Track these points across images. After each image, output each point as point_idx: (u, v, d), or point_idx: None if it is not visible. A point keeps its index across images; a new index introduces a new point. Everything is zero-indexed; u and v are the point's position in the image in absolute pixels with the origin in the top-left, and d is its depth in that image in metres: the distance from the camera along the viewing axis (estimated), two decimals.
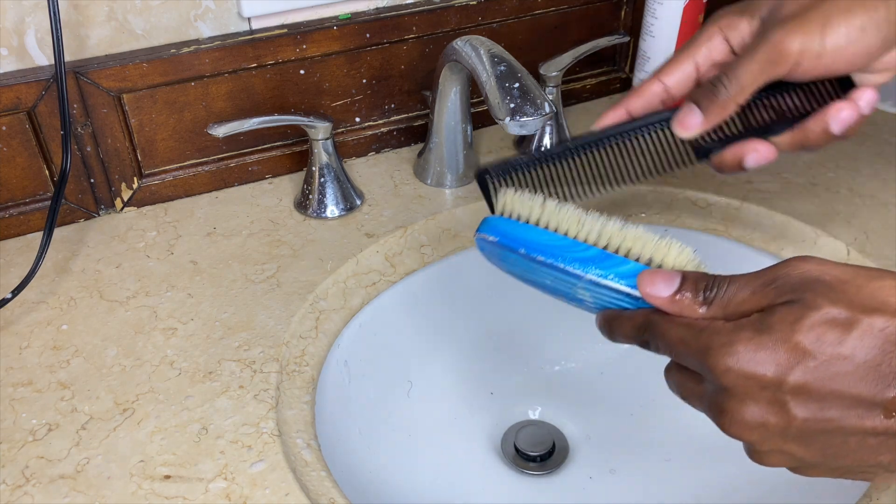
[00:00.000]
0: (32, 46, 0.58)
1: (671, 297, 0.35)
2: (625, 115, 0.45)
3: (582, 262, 0.37)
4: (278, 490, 0.44)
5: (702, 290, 0.34)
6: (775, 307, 0.32)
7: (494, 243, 0.40)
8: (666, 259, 0.37)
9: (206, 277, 0.58)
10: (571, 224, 0.39)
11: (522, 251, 0.39)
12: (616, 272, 0.37)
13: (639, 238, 0.37)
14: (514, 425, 0.64)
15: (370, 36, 0.66)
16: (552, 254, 0.38)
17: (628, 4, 0.77)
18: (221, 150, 0.66)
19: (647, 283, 0.36)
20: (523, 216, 0.40)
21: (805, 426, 0.31)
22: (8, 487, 0.44)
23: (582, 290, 0.38)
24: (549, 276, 0.39)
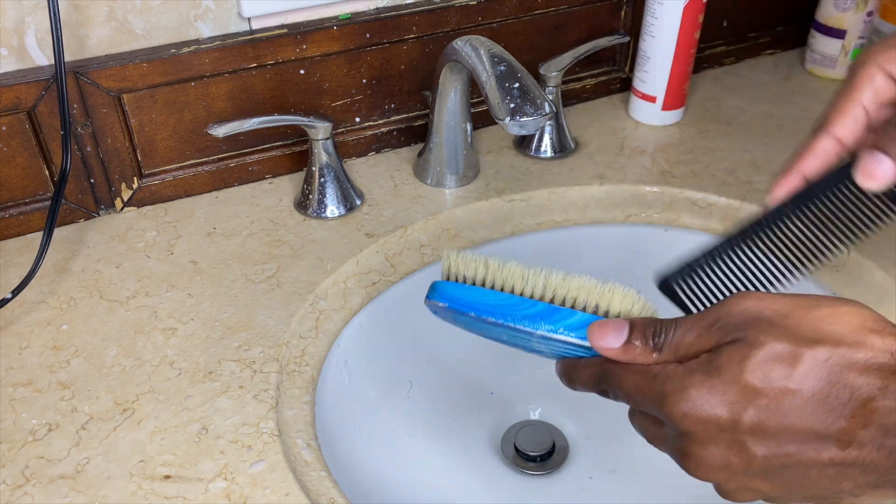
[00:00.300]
0: (32, 46, 0.58)
1: (622, 348, 0.35)
2: (800, 180, 0.42)
3: (530, 318, 0.38)
4: (278, 490, 0.44)
5: (650, 337, 0.35)
6: (721, 347, 0.32)
7: (445, 308, 0.41)
8: (612, 305, 0.38)
9: (206, 277, 0.58)
10: (516, 280, 0.39)
11: (472, 314, 0.39)
12: (565, 325, 0.37)
13: (583, 287, 0.38)
14: (514, 425, 0.64)
15: (370, 36, 0.66)
16: (501, 314, 0.39)
17: (628, 4, 0.77)
18: (221, 150, 0.66)
19: (596, 336, 0.36)
20: (469, 277, 0.41)
21: (766, 463, 0.32)
22: (8, 487, 0.44)
23: (537, 343, 0.39)
24: (504, 333, 0.40)
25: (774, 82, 0.84)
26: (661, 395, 0.33)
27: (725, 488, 0.34)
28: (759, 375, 0.31)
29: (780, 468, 0.32)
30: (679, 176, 0.69)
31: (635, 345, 0.35)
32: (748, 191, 0.66)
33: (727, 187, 0.67)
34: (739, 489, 0.34)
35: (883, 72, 0.41)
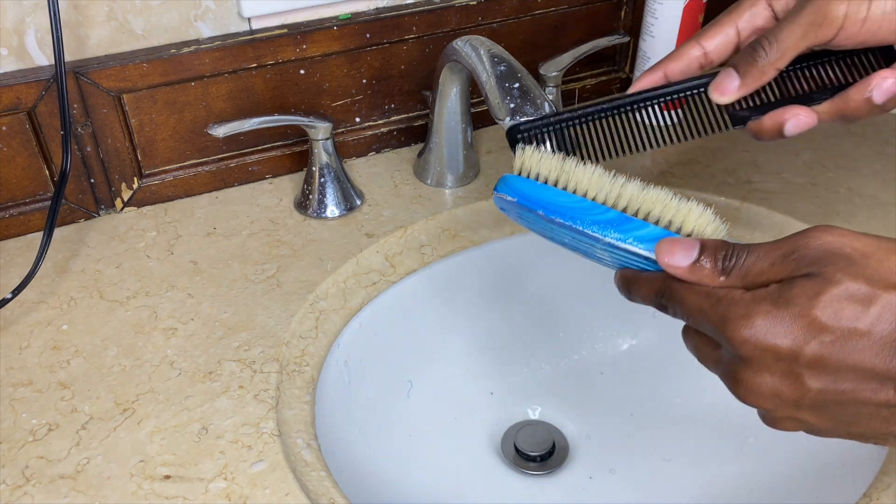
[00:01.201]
0: (32, 46, 0.58)
1: (689, 267, 0.35)
2: (662, 78, 0.44)
3: (600, 224, 0.37)
4: (278, 490, 0.44)
5: (720, 260, 0.34)
6: (794, 280, 0.32)
7: (512, 203, 0.40)
8: (686, 222, 0.37)
9: (206, 277, 0.58)
10: (591, 185, 0.38)
11: (541, 213, 0.39)
12: (635, 236, 0.37)
13: (659, 200, 0.37)
14: (514, 425, 0.64)
15: (370, 36, 0.66)
16: (570, 216, 0.38)
17: (628, 4, 0.77)
18: (221, 150, 0.66)
19: (664, 252, 0.36)
20: (542, 176, 0.40)
21: (819, 397, 0.32)
22: (8, 487, 0.44)
23: (601, 250, 0.38)
24: (567, 235, 0.39)
25: None
26: (724, 318, 0.33)
27: (772, 416, 0.34)
28: (829, 312, 0.31)
29: (832, 403, 0.32)
30: (679, 176, 0.69)
31: (703, 266, 0.35)
32: (748, 191, 0.66)
33: (727, 187, 0.67)
34: (786, 418, 0.34)
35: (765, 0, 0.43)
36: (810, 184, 0.67)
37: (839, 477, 0.53)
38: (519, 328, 0.67)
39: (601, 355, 0.67)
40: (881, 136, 0.73)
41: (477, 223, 0.65)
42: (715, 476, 0.59)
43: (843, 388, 0.32)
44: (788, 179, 0.68)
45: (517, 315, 0.67)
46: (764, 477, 0.57)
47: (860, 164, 0.70)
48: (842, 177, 0.68)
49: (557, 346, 0.68)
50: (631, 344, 0.68)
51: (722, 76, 0.42)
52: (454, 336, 0.66)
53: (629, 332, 0.67)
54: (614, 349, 0.68)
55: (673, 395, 0.64)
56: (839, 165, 0.69)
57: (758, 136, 0.43)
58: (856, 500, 0.46)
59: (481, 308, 0.66)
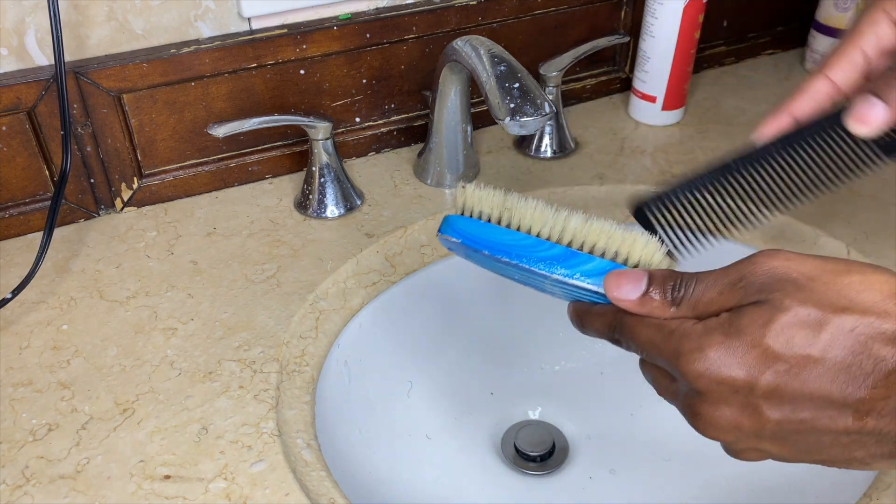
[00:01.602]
0: (32, 46, 0.58)
1: (638, 300, 0.34)
2: (790, 121, 0.41)
3: (546, 261, 0.37)
4: (278, 490, 0.44)
5: (669, 291, 0.34)
6: (743, 308, 0.32)
7: (457, 244, 0.39)
8: (632, 253, 0.36)
9: (206, 277, 0.58)
10: (535, 220, 0.38)
11: (485, 252, 0.38)
12: (581, 270, 0.36)
13: (603, 232, 0.37)
14: (514, 425, 0.64)
15: (370, 36, 0.66)
16: (516, 254, 0.37)
17: (628, 4, 0.77)
18: (221, 150, 0.66)
19: (612, 286, 0.35)
20: (485, 214, 0.39)
21: (778, 427, 0.31)
22: (8, 487, 0.44)
23: (551, 285, 0.38)
24: (516, 273, 0.39)
25: (774, 82, 0.84)
26: (677, 352, 0.32)
27: (734, 448, 0.34)
28: (781, 340, 0.30)
29: (792, 433, 0.32)
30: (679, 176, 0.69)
31: (653, 297, 0.34)
32: None
33: None
34: (748, 450, 0.33)
35: (889, 18, 0.39)
36: None
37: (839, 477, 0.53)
38: (519, 328, 0.67)
39: (601, 355, 0.67)
40: None
41: None
42: (715, 476, 0.59)
43: (801, 418, 0.31)
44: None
45: (517, 315, 0.67)
46: (764, 477, 0.57)
47: None
48: None
49: (557, 346, 0.68)
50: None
51: (862, 105, 0.38)
52: (454, 336, 0.66)
53: None
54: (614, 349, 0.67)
55: None
56: None
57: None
58: (856, 500, 0.46)
59: (481, 308, 0.66)
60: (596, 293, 0.36)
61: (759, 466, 0.58)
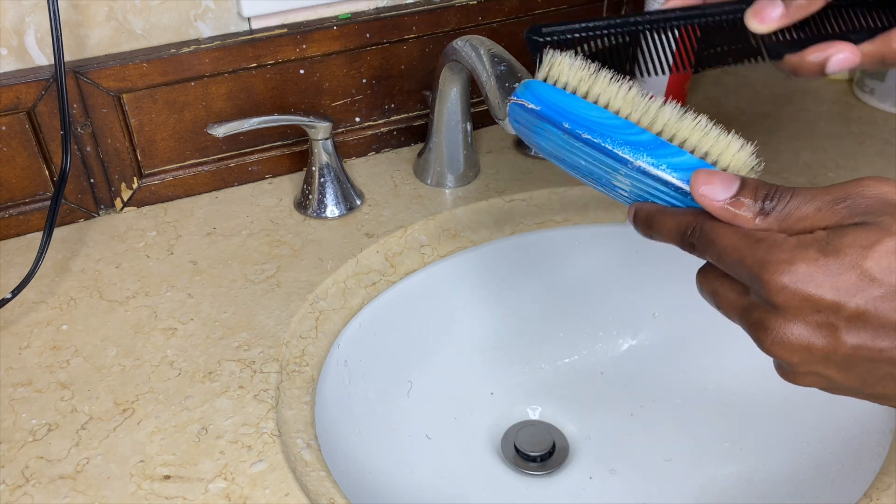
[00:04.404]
0: (32, 46, 0.58)
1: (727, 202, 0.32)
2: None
3: (633, 146, 0.34)
4: (278, 490, 0.44)
5: (761, 199, 0.32)
6: (846, 228, 0.30)
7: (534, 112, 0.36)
8: (723, 155, 0.34)
9: (205, 277, 0.58)
10: (625, 103, 0.35)
11: (566, 125, 0.35)
12: (669, 163, 0.34)
13: (697, 128, 0.34)
14: (514, 425, 0.64)
15: (370, 36, 0.66)
16: (601, 132, 0.34)
17: (628, 4, 0.77)
18: (221, 150, 0.66)
19: (702, 182, 0.33)
20: (570, 86, 0.36)
21: (852, 353, 0.30)
22: (8, 487, 0.44)
23: (623, 177, 0.35)
24: (588, 156, 0.36)
25: (775, 83, 0.84)
26: (763, 261, 0.31)
27: (795, 370, 0.32)
28: (883, 265, 0.29)
29: (864, 361, 0.30)
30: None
31: (742, 202, 0.32)
32: None
33: None
34: (809, 374, 0.32)
35: None
36: (810, 184, 0.67)
37: (839, 477, 0.53)
38: (519, 328, 0.67)
39: (601, 355, 0.67)
40: (881, 136, 0.73)
41: (477, 223, 0.65)
42: (715, 476, 0.59)
43: (881, 347, 0.30)
44: (788, 179, 0.68)
45: (517, 315, 0.67)
46: (764, 477, 0.57)
47: (860, 164, 0.70)
48: (842, 177, 0.68)
49: (558, 346, 0.68)
50: (631, 344, 0.68)
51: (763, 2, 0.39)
52: (454, 336, 0.66)
53: (629, 333, 0.67)
54: (614, 349, 0.68)
55: (673, 395, 0.64)
56: (839, 165, 0.69)
57: (795, 71, 0.40)
58: (856, 500, 0.46)
59: (481, 308, 0.66)
60: (678, 190, 0.34)
61: (759, 466, 0.58)
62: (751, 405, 0.61)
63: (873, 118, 0.76)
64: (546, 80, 0.37)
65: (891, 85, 0.76)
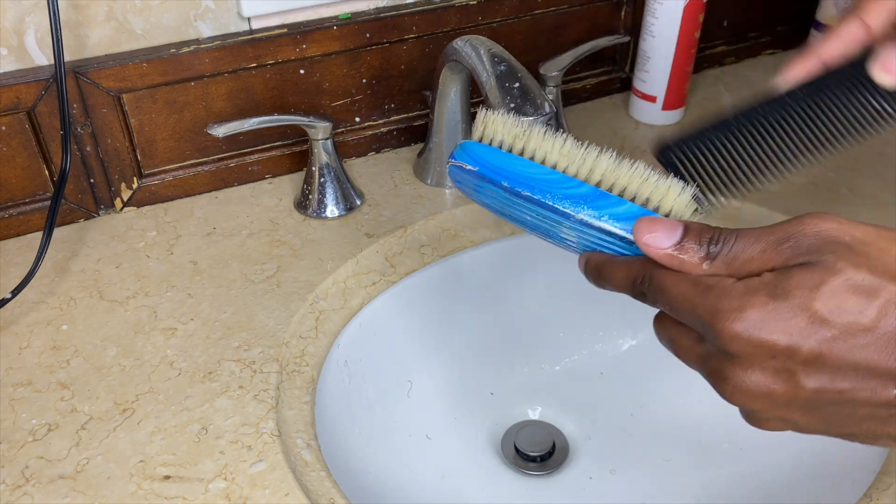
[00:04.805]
0: (32, 46, 0.58)
1: (671, 249, 0.32)
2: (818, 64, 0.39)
3: (572, 199, 0.34)
4: (278, 490, 0.44)
5: (706, 244, 0.32)
6: (791, 269, 0.30)
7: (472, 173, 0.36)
8: (664, 200, 0.34)
9: (205, 277, 0.58)
10: (562, 156, 0.35)
11: (505, 184, 0.35)
12: (611, 213, 0.33)
13: (635, 176, 0.34)
14: (514, 425, 0.64)
15: (370, 36, 0.66)
16: (540, 189, 0.34)
17: (628, 4, 0.77)
18: (221, 150, 0.66)
19: (644, 231, 0.32)
20: (506, 143, 0.36)
21: (813, 397, 0.30)
22: (8, 487, 0.44)
23: (568, 230, 0.35)
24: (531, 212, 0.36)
25: None
26: (714, 309, 0.30)
27: (759, 416, 0.32)
28: (831, 305, 0.28)
29: (827, 403, 0.30)
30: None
31: (688, 248, 0.32)
32: None
33: None
34: (773, 419, 0.32)
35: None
36: (810, 184, 0.67)
37: (839, 477, 0.53)
38: (519, 328, 0.67)
39: (601, 355, 0.67)
40: (881, 136, 0.73)
41: (477, 223, 0.65)
42: (715, 476, 0.59)
43: (840, 388, 0.29)
44: (788, 179, 0.68)
45: (517, 315, 0.67)
46: (764, 477, 0.57)
47: (860, 164, 0.70)
48: (842, 177, 0.68)
49: (558, 347, 0.68)
50: (631, 344, 0.68)
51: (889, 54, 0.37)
52: (454, 336, 0.66)
53: (629, 333, 0.67)
54: (614, 349, 0.68)
55: (673, 395, 0.64)
56: (839, 165, 0.69)
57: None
58: (856, 500, 0.46)
59: (481, 308, 0.66)
60: (622, 239, 0.34)
61: (759, 466, 0.58)
62: None
63: None
64: (482, 140, 0.37)
65: None
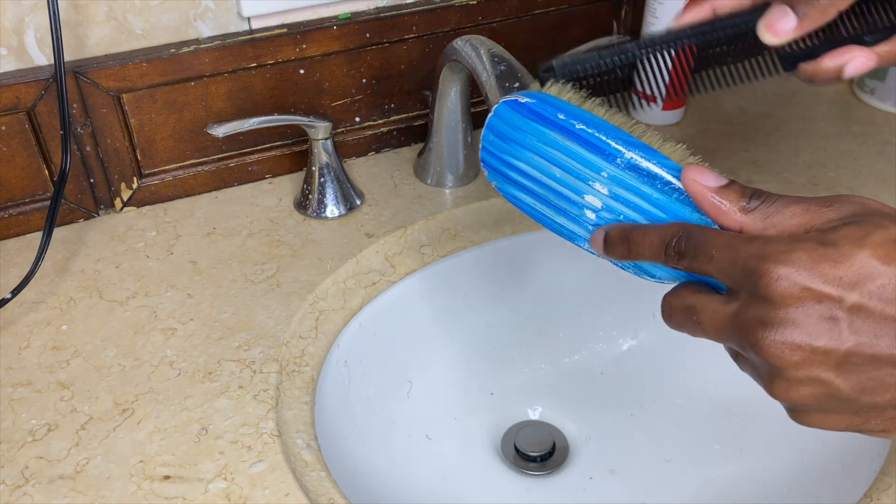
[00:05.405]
0: (32, 46, 0.58)
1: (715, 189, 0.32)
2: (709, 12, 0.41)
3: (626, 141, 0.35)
4: (278, 490, 0.44)
5: (748, 196, 0.32)
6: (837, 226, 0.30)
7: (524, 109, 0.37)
8: None
9: (205, 277, 0.58)
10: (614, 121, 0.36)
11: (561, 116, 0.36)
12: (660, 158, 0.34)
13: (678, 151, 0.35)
14: (514, 425, 0.64)
15: (370, 36, 0.66)
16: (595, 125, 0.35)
17: (628, 4, 0.77)
18: (221, 149, 0.66)
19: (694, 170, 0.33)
20: None
21: (853, 351, 0.29)
22: (7, 487, 0.44)
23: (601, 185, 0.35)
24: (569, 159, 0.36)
25: (775, 82, 0.84)
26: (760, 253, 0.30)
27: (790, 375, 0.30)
28: (880, 253, 0.28)
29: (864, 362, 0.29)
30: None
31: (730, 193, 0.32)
32: None
33: None
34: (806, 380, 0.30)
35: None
36: (811, 184, 0.67)
37: (839, 477, 0.53)
38: (519, 328, 0.67)
39: (601, 355, 0.67)
40: (881, 136, 0.73)
41: (477, 223, 0.65)
42: (715, 476, 0.59)
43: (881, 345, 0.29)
44: (789, 179, 0.68)
45: (517, 315, 0.67)
46: (764, 477, 0.57)
47: (860, 164, 0.70)
48: (842, 177, 0.68)
49: (558, 346, 0.68)
50: (631, 344, 0.67)
51: (775, 15, 0.38)
52: (454, 336, 0.66)
53: (629, 333, 0.67)
54: (614, 349, 0.68)
55: (673, 395, 0.64)
56: (839, 165, 0.69)
57: (812, 79, 0.40)
58: (856, 500, 0.46)
59: (481, 308, 0.66)
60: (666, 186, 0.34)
61: (759, 466, 0.58)
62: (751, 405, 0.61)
63: (873, 118, 0.76)
64: None
65: (891, 85, 0.76)
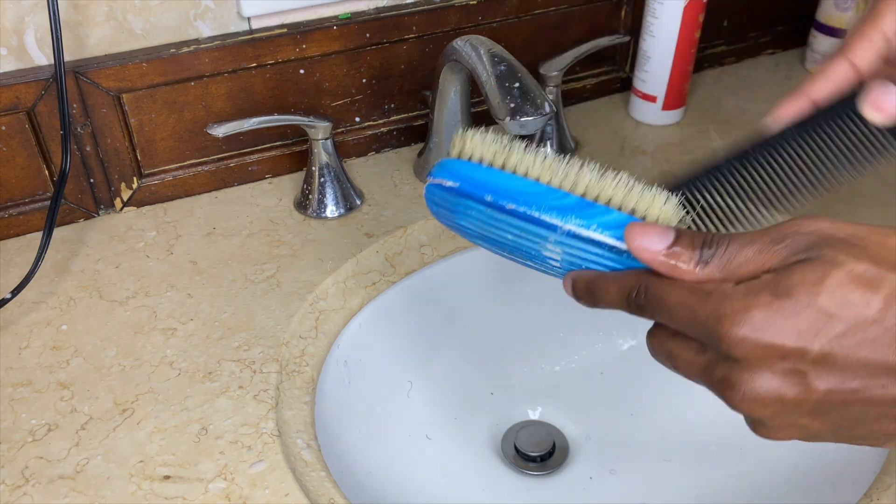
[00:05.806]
0: (32, 46, 0.58)
1: (664, 253, 0.31)
2: (808, 103, 0.39)
3: (560, 210, 0.33)
4: (278, 490, 0.44)
5: (699, 247, 0.31)
6: (792, 267, 0.29)
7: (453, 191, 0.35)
8: (651, 210, 0.33)
9: (205, 277, 0.58)
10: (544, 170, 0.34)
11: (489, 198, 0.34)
12: (599, 222, 0.33)
13: (619, 186, 0.33)
14: (514, 425, 0.64)
15: (370, 36, 0.66)
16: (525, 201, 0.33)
17: (628, 4, 0.77)
18: (221, 149, 0.66)
19: (637, 235, 0.32)
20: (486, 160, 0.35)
21: (825, 399, 0.29)
22: (7, 487, 0.44)
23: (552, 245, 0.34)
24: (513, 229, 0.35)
25: (775, 82, 0.84)
26: (717, 315, 0.29)
27: (769, 424, 0.31)
28: (837, 299, 0.28)
29: (837, 405, 0.29)
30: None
31: (680, 252, 0.31)
32: None
33: None
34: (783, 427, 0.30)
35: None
36: None
37: (839, 477, 0.52)
38: (519, 328, 0.67)
39: (601, 355, 0.67)
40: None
41: None
42: (715, 476, 0.59)
43: (852, 387, 0.28)
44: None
45: (517, 315, 0.67)
46: (764, 477, 0.57)
47: None
48: None
49: (558, 347, 0.68)
50: (631, 344, 0.67)
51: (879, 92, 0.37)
52: (454, 336, 0.66)
53: (629, 333, 0.67)
54: (614, 349, 0.68)
55: (673, 395, 0.64)
56: None
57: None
58: (856, 500, 0.46)
59: (481, 308, 0.66)
60: (612, 249, 0.33)
61: (759, 466, 0.58)
62: None
63: None
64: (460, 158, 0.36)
65: None
